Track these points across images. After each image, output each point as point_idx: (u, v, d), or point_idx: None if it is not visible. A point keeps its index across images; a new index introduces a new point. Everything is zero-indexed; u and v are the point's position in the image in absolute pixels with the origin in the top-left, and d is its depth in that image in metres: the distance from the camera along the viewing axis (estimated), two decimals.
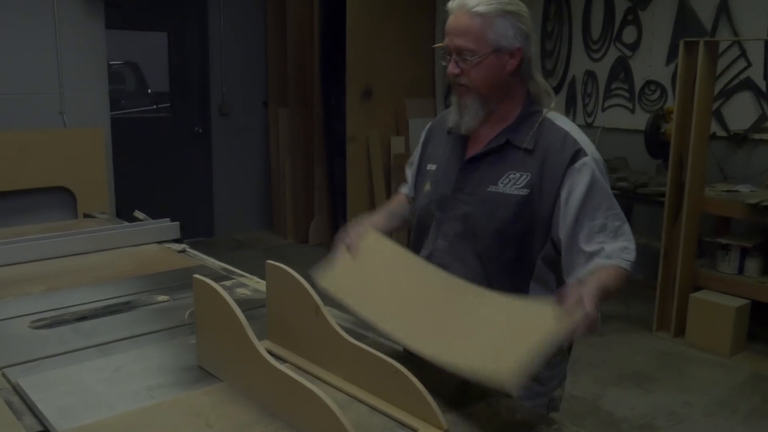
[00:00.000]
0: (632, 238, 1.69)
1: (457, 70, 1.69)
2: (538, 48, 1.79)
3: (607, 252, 1.65)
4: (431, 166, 1.88)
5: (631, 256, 1.65)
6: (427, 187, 1.86)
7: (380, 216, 1.96)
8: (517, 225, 1.69)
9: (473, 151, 1.78)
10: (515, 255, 1.72)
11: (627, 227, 1.69)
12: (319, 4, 6.18)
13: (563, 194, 1.66)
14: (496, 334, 1.44)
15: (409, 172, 2.04)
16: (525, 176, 1.69)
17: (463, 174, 1.77)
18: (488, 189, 1.72)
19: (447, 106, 5.98)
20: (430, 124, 2.02)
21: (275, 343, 1.72)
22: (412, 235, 1.97)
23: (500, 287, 1.69)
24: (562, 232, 1.68)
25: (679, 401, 3.62)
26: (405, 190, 2.07)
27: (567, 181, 1.66)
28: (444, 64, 1.75)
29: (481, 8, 1.64)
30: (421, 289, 1.66)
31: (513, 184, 1.69)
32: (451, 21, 1.69)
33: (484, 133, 1.77)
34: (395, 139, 6.34)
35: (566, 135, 1.70)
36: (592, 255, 1.66)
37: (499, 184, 1.71)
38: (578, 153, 1.67)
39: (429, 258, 1.83)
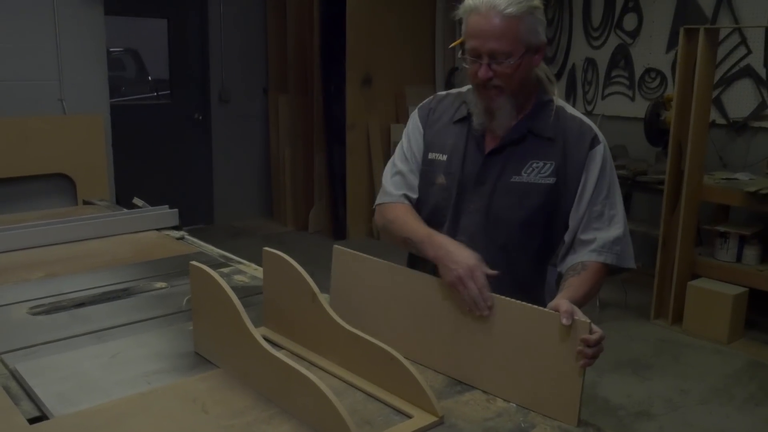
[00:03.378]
0: (624, 226, 1.70)
1: (490, 74, 1.62)
2: None
3: (599, 243, 1.66)
4: (438, 156, 1.79)
5: (620, 246, 1.68)
6: (441, 179, 1.78)
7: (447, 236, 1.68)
8: (544, 213, 1.70)
9: (492, 141, 1.74)
10: (541, 242, 1.73)
11: (621, 215, 1.71)
12: None
13: (582, 181, 1.68)
14: (522, 354, 1.43)
15: (405, 167, 1.83)
16: (549, 165, 1.68)
17: (485, 166, 1.73)
18: (512, 180, 1.70)
19: None
20: (418, 111, 1.89)
21: (272, 330, 1.74)
22: None
23: (525, 276, 1.73)
24: (572, 218, 1.70)
25: (675, 388, 3.64)
26: (407, 202, 1.81)
27: (585, 169, 1.68)
28: (466, 66, 1.66)
29: (512, 9, 1.57)
30: (419, 302, 1.62)
31: (537, 173, 1.68)
32: (481, 23, 1.59)
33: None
34: (395, 127, 6.33)
35: (581, 122, 1.72)
36: (584, 243, 1.68)
37: (523, 173, 1.69)
38: (594, 139, 1.70)
39: None
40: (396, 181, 1.84)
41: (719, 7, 4.71)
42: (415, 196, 1.82)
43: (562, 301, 1.41)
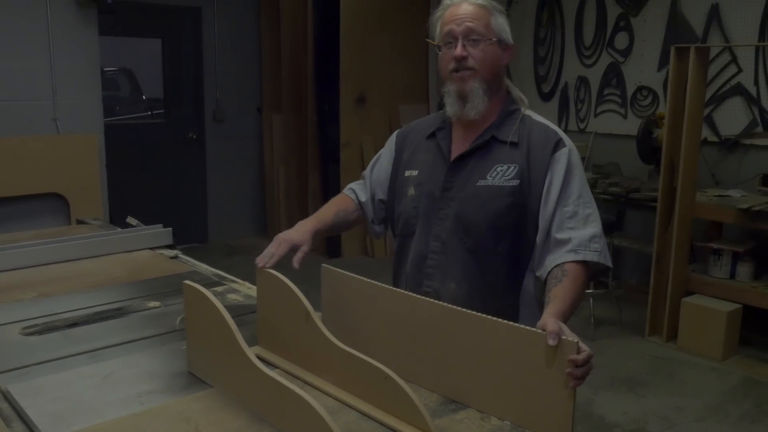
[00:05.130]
0: (600, 225, 1.73)
1: (465, 53, 1.74)
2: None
3: (576, 243, 1.68)
4: (411, 172, 1.90)
5: (599, 244, 1.70)
6: (411, 191, 1.88)
7: (312, 222, 1.97)
8: (510, 216, 1.74)
9: (459, 151, 1.82)
10: (511, 246, 1.76)
11: (596, 215, 1.74)
12: (313, 10, 6.20)
13: (546, 182, 1.73)
14: (513, 373, 1.42)
15: (368, 174, 2.05)
16: (513, 167, 1.75)
17: (450, 173, 1.81)
18: (477, 183, 1.76)
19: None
20: (396, 132, 2.04)
21: (265, 349, 1.73)
22: (395, 240, 1.98)
23: (496, 280, 1.77)
24: (541, 218, 1.73)
25: (671, 406, 3.63)
26: (352, 195, 2.07)
27: (549, 170, 1.73)
28: (441, 52, 1.79)
29: (483, 1, 1.77)
30: (408, 322, 1.60)
31: (502, 176, 1.75)
32: (456, 10, 1.76)
33: (468, 135, 1.83)
34: None
35: (547, 127, 1.80)
36: (560, 243, 1.70)
37: (488, 177, 1.76)
38: (558, 143, 1.75)
39: (422, 260, 1.84)
40: (358, 182, 2.10)
41: (709, 26, 4.76)
42: (363, 199, 2.04)
43: (549, 320, 1.41)
